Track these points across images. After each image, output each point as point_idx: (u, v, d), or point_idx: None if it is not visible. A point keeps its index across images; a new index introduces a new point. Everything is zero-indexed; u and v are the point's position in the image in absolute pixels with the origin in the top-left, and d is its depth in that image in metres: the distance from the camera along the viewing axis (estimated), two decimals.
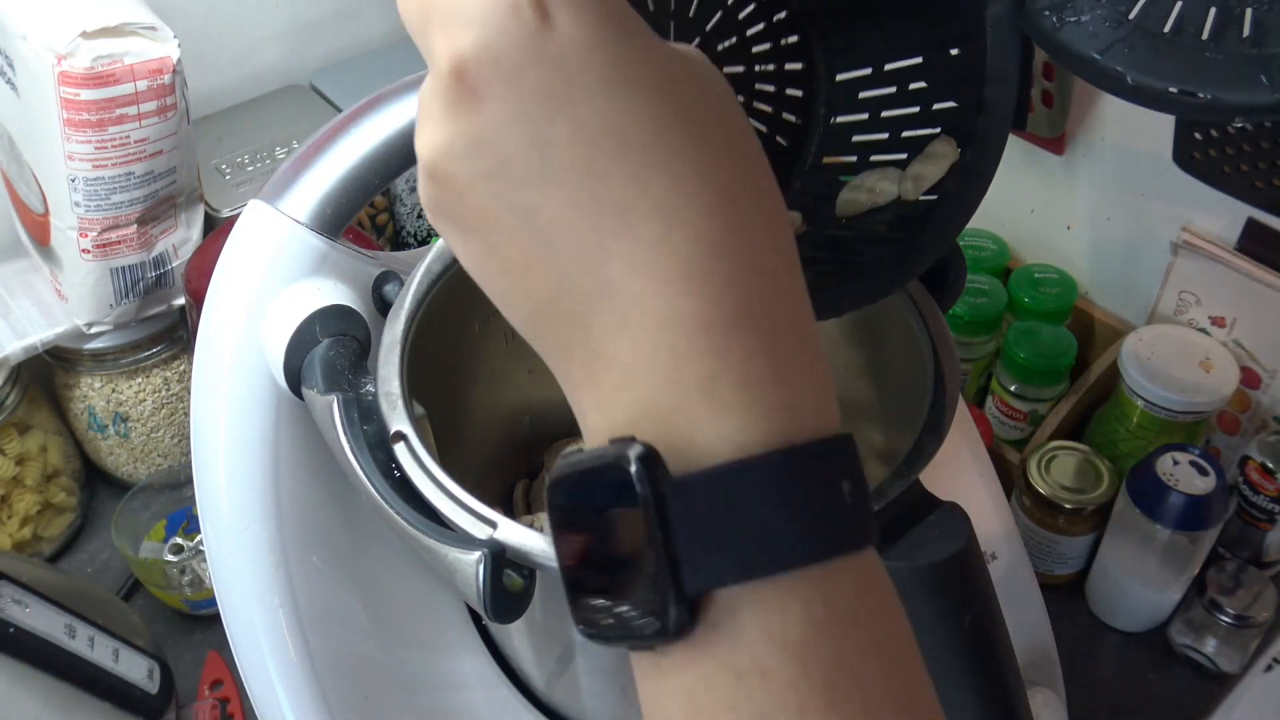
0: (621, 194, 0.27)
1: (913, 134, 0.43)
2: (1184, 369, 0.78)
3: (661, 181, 0.27)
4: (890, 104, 0.43)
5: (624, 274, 0.27)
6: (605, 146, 0.27)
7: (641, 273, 0.26)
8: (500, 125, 0.27)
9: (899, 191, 0.43)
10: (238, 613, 0.50)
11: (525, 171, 0.27)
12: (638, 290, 0.26)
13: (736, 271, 0.27)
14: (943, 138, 0.42)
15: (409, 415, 0.45)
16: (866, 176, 0.43)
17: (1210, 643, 0.76)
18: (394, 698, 0.53)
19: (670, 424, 0.26)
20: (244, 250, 0.50)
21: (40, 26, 0.68)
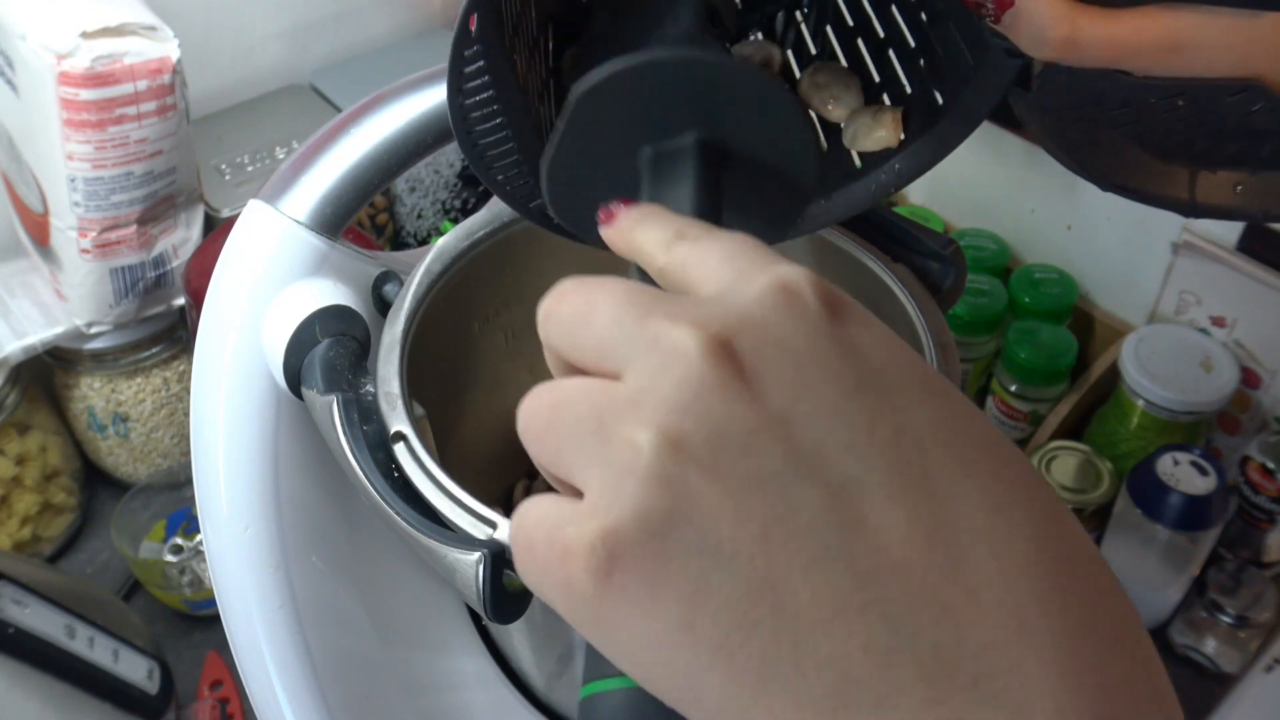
0: (985, 519, 0.23)
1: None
2: (1184, 369, 0.78)
3: (1024, 518, 0.23)
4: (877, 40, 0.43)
5: (1010, 648, 0.22)
6: (947, 456, 0.23)
7: (1039, 661, 0.22)
8: (796, 415, 0.23)
9: (848, 132, 0.42)
10: (237, 613, 0.50)
11: (841, 478, 0.23)
12: (1036, 690, 0.22)
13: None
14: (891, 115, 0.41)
15: (409, 415, 0.45)
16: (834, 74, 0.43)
17: (1210, 643, 0.76)
18: (394, 698, 0.53)
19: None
20: (244, 250, 0.50)
21: (40, 26, 0.68)
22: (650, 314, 0.24)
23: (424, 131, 0.49)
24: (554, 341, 0.27)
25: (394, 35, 1.04)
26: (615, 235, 0.31)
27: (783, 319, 0.24)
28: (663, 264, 0.28)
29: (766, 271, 0.25)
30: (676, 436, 0.23)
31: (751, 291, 0.25)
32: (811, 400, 0.23)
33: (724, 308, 0.25)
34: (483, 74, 0.36)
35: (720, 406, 0.23)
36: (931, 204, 1.00)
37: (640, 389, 0.24)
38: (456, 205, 0.97)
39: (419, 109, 0.49)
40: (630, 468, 0.23)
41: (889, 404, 0.24)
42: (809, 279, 0.25)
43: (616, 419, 0.23)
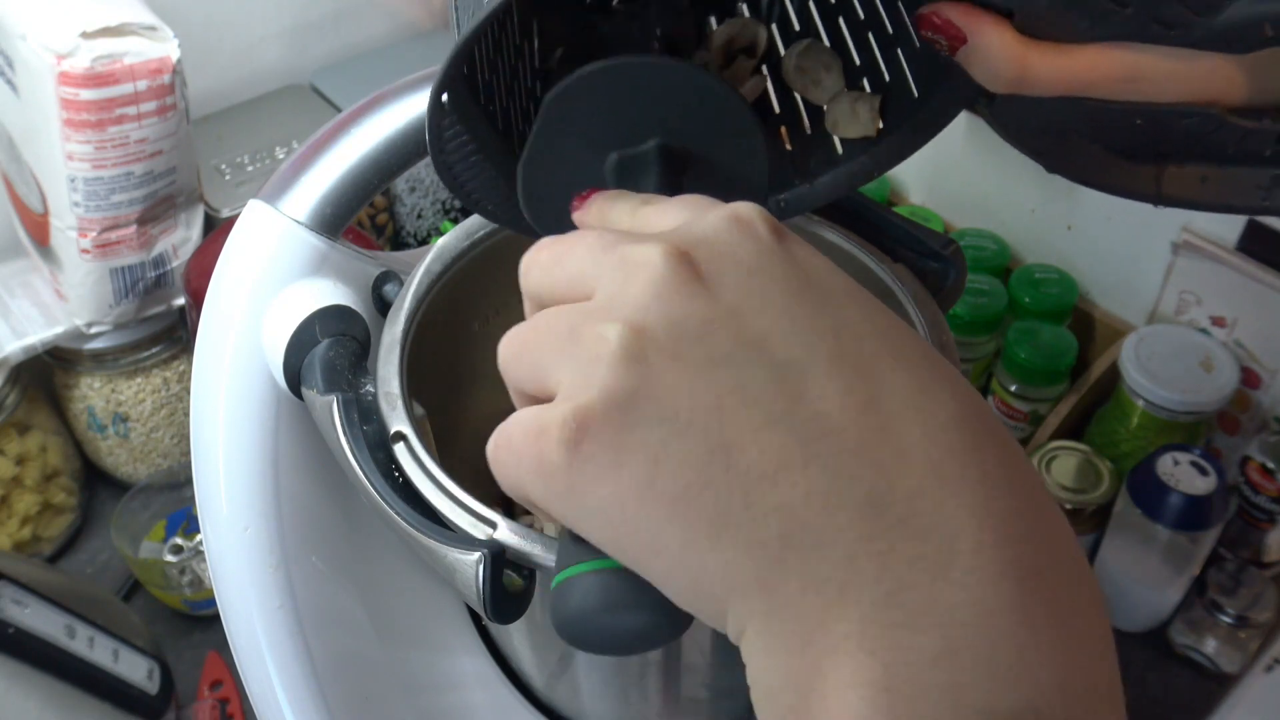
0: (912, 396, 0.25)
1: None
2: (1184, 369, 0.78)
3: (948, 397, 0.26)
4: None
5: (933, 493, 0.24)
6: (880, 348, 0.26)
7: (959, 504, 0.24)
8: (746, 309, 0.26)
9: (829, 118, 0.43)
10: (237, 613, 0.50)
11: (785, 358, 0.26)
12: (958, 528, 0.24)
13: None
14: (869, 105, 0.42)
15: (409, 415, 0.45)
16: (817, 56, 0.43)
17: (1210, 643, 0.76)
18: (394, 698, 0.53)
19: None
20: (244, 250, 0.50)
21: (40, 26, 0.68)
22: (619, 243, 0.27)
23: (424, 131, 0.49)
24: (532, 285, 0.29)
25: (394, 35, 1.04)
26: (587, 214, 0.34)
27: (734, 237, 0.27)
28: (629, 225, 0.32)
29: (720, 206, 0.29)
30: (640, 326, 0.25)
31: (707, 219, 0.28)
32: (759, 298, 0.26)
33: (683, 231, 0.28)
34: (461, 134, 0.37)
35: (679, 301, 0.26)
36: (931, 204, 1.00)
37: (609, 296, 0.27)
38: (456, 205, 0.98)
39: (419, 109, 0.49)
40: (598, 355, 0.25)
41: (829, 305, 0.27)
42: (757, 210, 0.28)
43: (587, 321, 0.26)
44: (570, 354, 0.26)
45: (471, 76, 0.37)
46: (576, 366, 0.26)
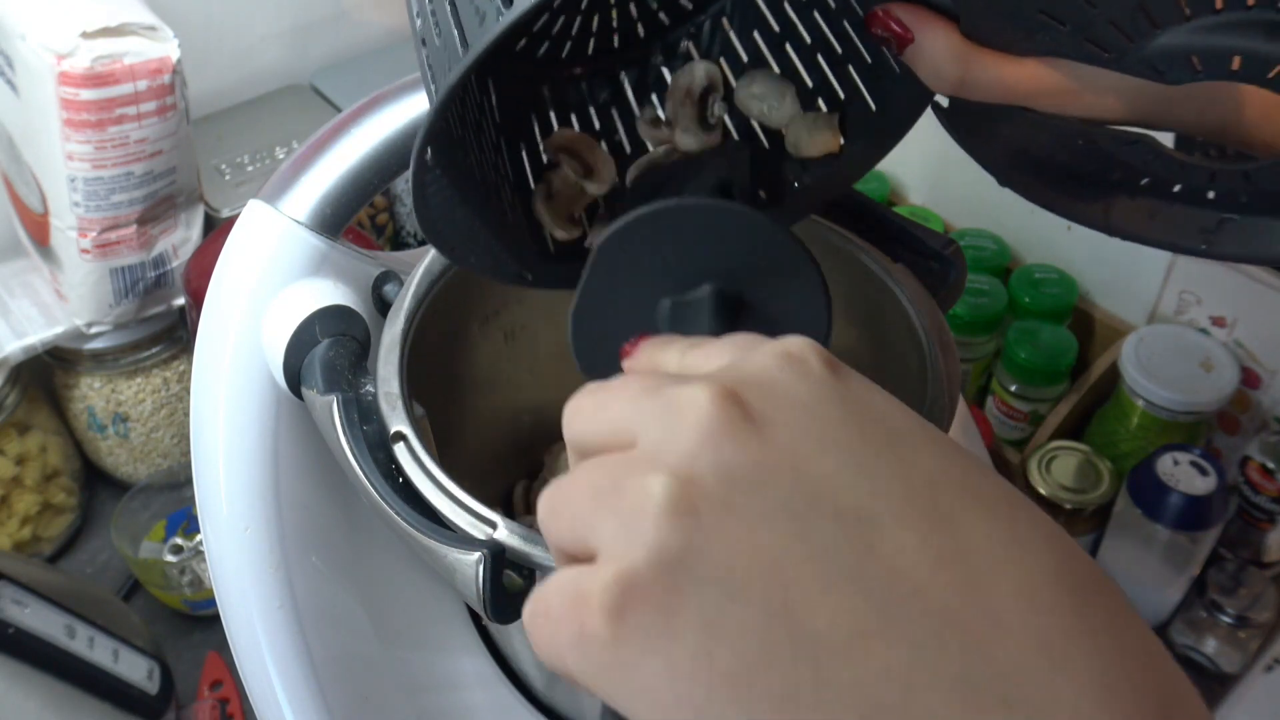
0: (1001, 548, 0.23)
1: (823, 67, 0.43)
2: (1184, 369, 0.78)
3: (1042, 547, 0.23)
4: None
5: (1039, 669, 0.21)
6: (958, 492, 0.24)
7: (1069, 681, 0.21)
8: (805, 453, 0.24)
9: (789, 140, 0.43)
10: (238, 613, 0.50)
11: (852, 507, 0.23)
12: (1071, 710, 0.21)
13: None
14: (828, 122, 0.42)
15: (409, 415, 0.45)
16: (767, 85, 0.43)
17: (1210, 643, 0.76)
18: (394, 698, 0.53)
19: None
20: (244, 250, 0.50)
21: (40, 26, 0.68)
22: (663, 386, 0.25)
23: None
24: (575, 434, 0.27)
25: (394, 35, 1.04)
26: (636, 363, 0.32)
27: (787, 374, 0.25)
28: (677, 369, 0.30)
29: (771, 343, 0.27)
30: (687, 476, 0.23)
31: (757, 357, 0.26)
32: (818, 439, 0.24)
33: (731, 372, 0.26)
34: (445, 189, 0.37)
35: (730, 446, 0.23)
36: (931, 204, 1.00)
37: (654, 444, 0.24)
38: None
39: (419, 109, 0.49)
40: (643, 511, 0.23)
41: (895, 446, 0.24)
42: (811, 345, 0.26)
43: (630, 473, 0.24)
44: (612, 509, 0.24)
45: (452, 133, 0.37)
46: (619, 524, 0.23)
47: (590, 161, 0.43)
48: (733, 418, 0.24)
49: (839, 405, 0.25)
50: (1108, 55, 0.33)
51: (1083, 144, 0.39)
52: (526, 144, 0.43)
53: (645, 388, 0.26)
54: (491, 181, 0.40)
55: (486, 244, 0.40)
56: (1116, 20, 0.32)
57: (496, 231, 0.40)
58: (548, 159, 0.43)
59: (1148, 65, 0.33)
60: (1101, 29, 0.32)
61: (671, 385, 0.25)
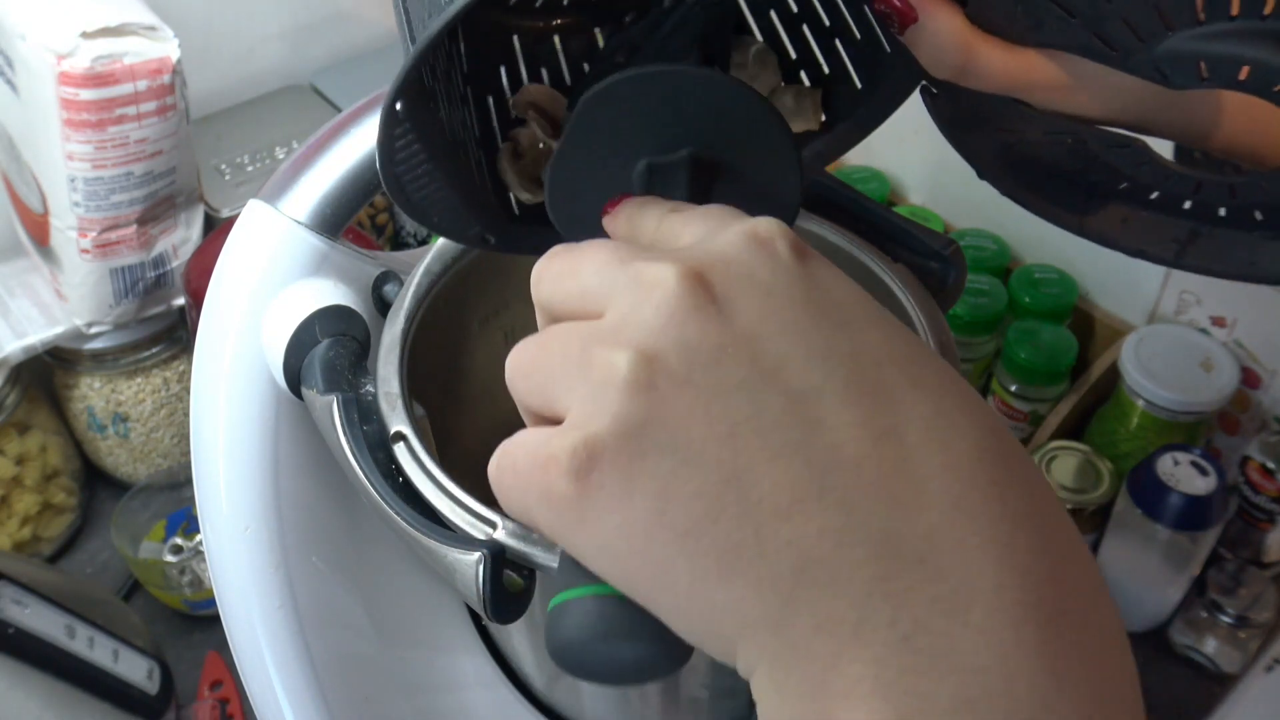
0: (932, 424, 0.25)
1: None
2: (1184, 369, 0.78)
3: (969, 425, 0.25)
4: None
5: (953, 530, 0.23)
6: (900, 373, 0.25)
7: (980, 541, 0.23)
8: (762, 334, 0.25)
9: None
10: (238, 613, 0.50)
11: (801, 386, 0.25)
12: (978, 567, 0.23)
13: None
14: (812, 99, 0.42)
15: (409, 415, 0.45)
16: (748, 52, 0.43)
17: (1210, 643, 0.76)
18: (394, 698, 0.53)
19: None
20: (244, 250, 0.50)
21: (40, 26, 0.68)
22: (632, 259, 0.27)
23: None
24: (544, 296, 0.28)
25: (394, 35, 1.04)
26: (616, 220, 0.33)
27: (752, 257, 0.26)
28: (654, 234, 0.31)
29: (741, 221, 0.28)
30: (652, 353, 0.25)
31: (726, 236, 0.27)
32: (776, 322, 0.25)
33: (699, 250, 0.27)
34: (413, 144, 0.36)
35: (692, 326, 0.25)
36: (931, 204, 1.00)
37: (621, 317, 0.26)
38: None
39: None
40: (609, 382, 0.25)
41: (847, 329, 0.26)
42: (779, 227, 0.27)
43: (598, 344, 0.25)
44: (580, 379, 0.25)
45: (424, 83, 0.37)
46: (586, 393, 0.25)
47: (560, 120, 0.42)
48: (696, 298, 0.25)
49: (800, 288, 0.26)
50: (1114, 53, 0.33)
51: (1070, 143, 0.39)
52: (495, 98, 0.42)
53: (616, 258, 0.27)
54: (458, 137, 0.40)
55: (450, 203, 0.39)
56: (1129, 18, 0.31)
57: (461, 190, 0.39)
58: (516, 115, 0.42)
59: (1154, 67, 0.32)
60: (1113, 25, 0.32)
61: (641, 259, 0.26)
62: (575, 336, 0.26)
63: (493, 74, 0.42)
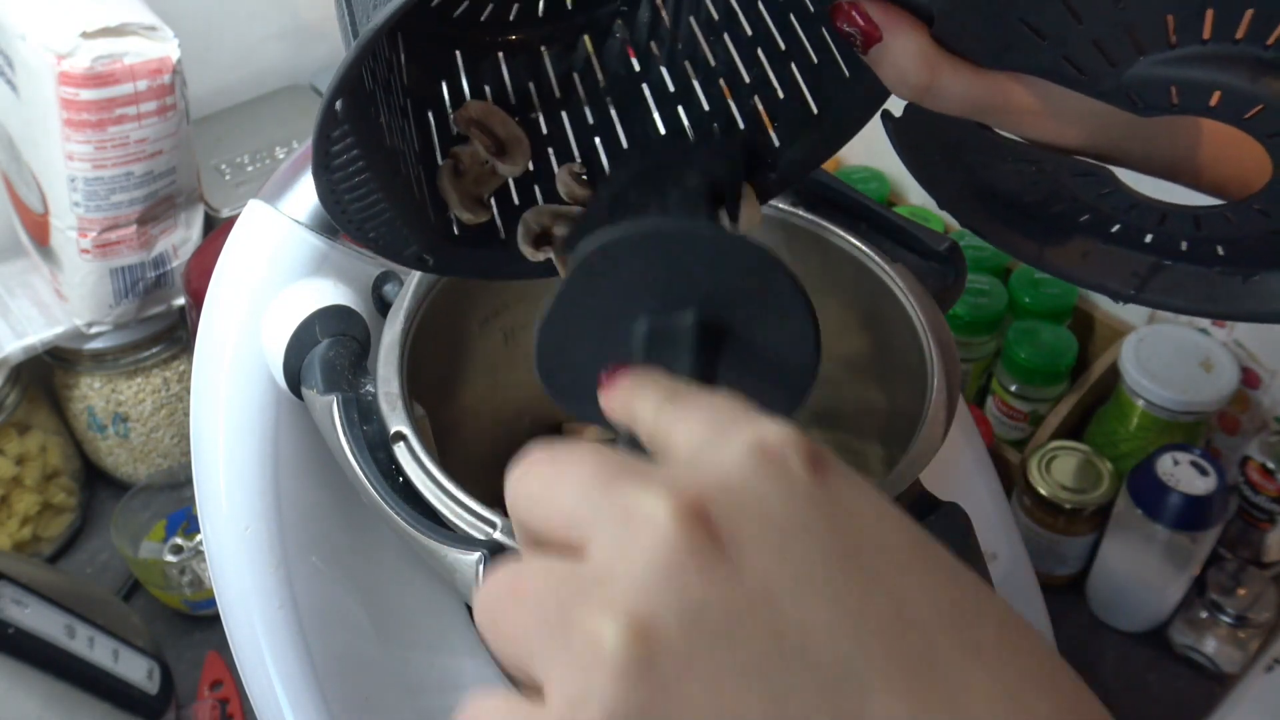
0: (983, 706, 0.21)
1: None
2: (1184, 369, 0.78)
3: (1040, 700, 0.21)
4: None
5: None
6: (951, 636, 0.21)
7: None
8: (780, 590, 0.21)
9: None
10: (238, 613, 0.50)
11: (831, 661, 0.20)
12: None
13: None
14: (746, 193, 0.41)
15: (408, 415, 0.45)
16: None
17: (1210, 643, 0.76)
18: (394, 698, 0.53)
19: None
20: (244, 250, 0.50)
21: (40, 26, 0.68)
22: (618, 479, 0.22)
23: None
24: (520, 514, 0.24)
25: None
26: (613, 401, 0.29)
27: (762, 482, 0.22)
28: (650, 426, 0.26)
29: (745, 430, 0.23)
30: (646, 623, 0.20)
31: (728, 452, 0.23)
32: (796, 575, 0.21)
33: (698, 471, 0.23)
34: (351, 149, 0.34)
35: (694, 584, 0.21)
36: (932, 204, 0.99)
37: (605, 565, 0.21)
38: None
39: None
40: (596, 663, 0.20)
41: (883, 578, 0.21)
42: (791, 437, 0.23)
43: (579, 603, 0.21)
44: (562, 646, 0.21)
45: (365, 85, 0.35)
46: (569, 669, 0.21)
47: (503, 138, 0.40)
48: (696, 544, 0.21)
49: (821, 522, 0.22)
50: (1084, 78, 0.32)
51: (1033, 172, 0.38)
52: (435, 113, 0.41)
53: (599, 479, 0.23)
54: (398, 148, 0.38)
55: (387, 218, 0.38)
56: (1100, 40, 0.30)
57: (399, 205, 0.38)
58: (457, 131, 0.41)
59: (1123, 93, 0.31)
60: (1082, 49, 0.31)
61: (629, 483, 0.22)
62: (554, 588, 0.22)
63: (434, 88, 0.40)
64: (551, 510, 0.23)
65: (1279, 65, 0.29)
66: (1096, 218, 0.38)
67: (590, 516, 0.22)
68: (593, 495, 0.23)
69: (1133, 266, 0.38)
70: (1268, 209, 0.34)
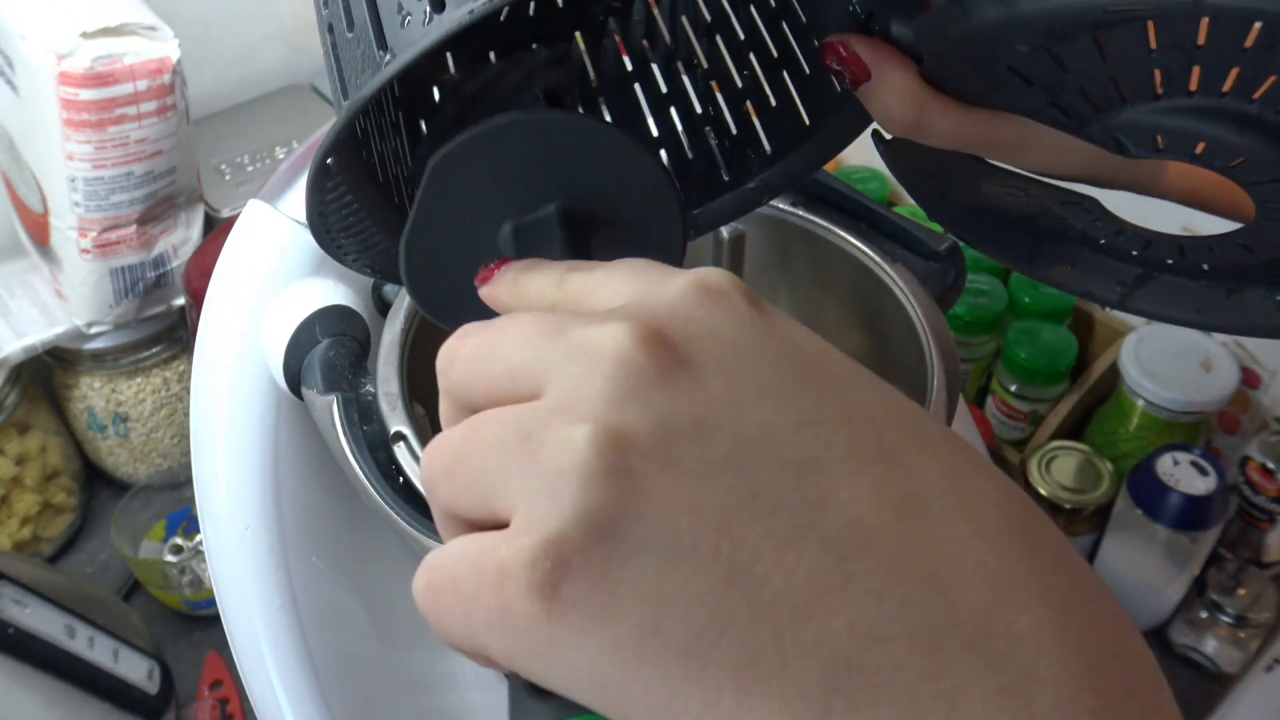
0: (948, 487, 0.22)
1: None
2: (1184, 369, 0.78)
3: (986, 484, 0.22)
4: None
5: (1000, 609, 0.20)
6: (900, 433, 0.22)
7: (1031, 620, 0.20)
8: (741, 398, 0.21)
9: None
10: (238, 613, 0.50)
11: (798, 456, 0.21)
12: (1035, 650, 0.20)
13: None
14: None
15: (409, 415, 0.45)
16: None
17: (1210, 643, 0.76)
18: (394, 698, 0.53)
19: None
20: (244, 250, 0.50)
21: (40, 26, 0.68)
22: (565, 325, 0.22)
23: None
24: (456, 383, 0.24)
25: None
26: (498, 290, 0.29)
27: (710, 311, 0.23)
28: (557, 298, 0.26)
29: (682, 273, 0.24)
30: (616, 428, 0.20)
31: (671, 289, 0.23)
32: (756, 382, 0.22)
33: (646, 306, 0.23)
34: (344, 195, 0.35)
35: (660, 394, 0.21)
36: None
37: (567, 394, 0.21)
38: None
39: None
40: (568, 467, 0.20)
41: (833, 386, 0.22)
42: (729, 278, 0.24)
43: (544, 427, 0.21)
44: (528, 467, 0.21)
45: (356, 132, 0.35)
46: (538, 484, 0.20)
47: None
48: (661, 360, 0.21)
49: (770, 343, 0.23)
50: (1070, 122, 0.32)
51: (1023, 195, 0.38)
52: (427, 120, 0.40)
53: (543, 327, 0.23)
54: (389, 178, 0.38)
55: (383, 249, 0.38)
56: (1086, 89, 0.31)
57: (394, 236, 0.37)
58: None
59: (1110, 137, 0.32)
60: (1069, 95, 0.31)
61: (578, 324, 0.22)
62: (511, 420, 0.22)
63: (425, 93, 0.40)
64: (495, 367, 0.23)
65: (1264, 120, 0.29)
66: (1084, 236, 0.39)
67: (542, 361, 0.22)
68: (539, 341, 0.22)
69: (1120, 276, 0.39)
70: (1251, 245, 0.34)
